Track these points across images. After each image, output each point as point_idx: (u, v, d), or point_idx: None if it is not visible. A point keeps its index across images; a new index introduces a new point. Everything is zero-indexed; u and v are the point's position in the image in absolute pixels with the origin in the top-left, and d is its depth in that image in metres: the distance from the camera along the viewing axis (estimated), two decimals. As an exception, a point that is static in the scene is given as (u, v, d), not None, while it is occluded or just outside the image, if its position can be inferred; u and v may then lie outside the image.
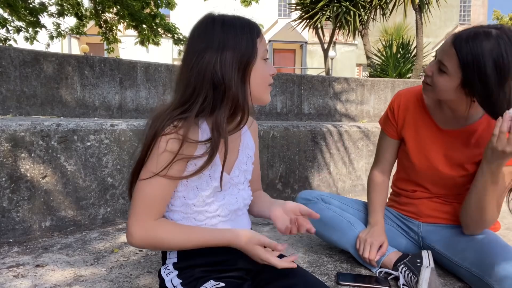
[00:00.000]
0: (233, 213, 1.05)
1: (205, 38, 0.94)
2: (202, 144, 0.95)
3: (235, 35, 0.94)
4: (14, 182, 1.69)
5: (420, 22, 7.45)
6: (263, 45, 0.99)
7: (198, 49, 0.93)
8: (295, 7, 9.14)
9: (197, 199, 1.00)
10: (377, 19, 8.58)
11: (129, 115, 3.42)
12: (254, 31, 0.97)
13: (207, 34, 0.94)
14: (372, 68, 7.98)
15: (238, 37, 0.94)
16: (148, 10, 7.76)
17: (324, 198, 1.53)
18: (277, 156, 2.54)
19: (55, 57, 3.07)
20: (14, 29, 7.20)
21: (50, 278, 1.31)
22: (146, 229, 0.93)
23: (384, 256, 1.37)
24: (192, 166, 0.97)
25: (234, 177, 1.06)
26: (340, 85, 4.46)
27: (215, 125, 0.93)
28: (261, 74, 0.99)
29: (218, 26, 0.95)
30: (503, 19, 21.67)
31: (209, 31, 0.94)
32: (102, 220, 1.93)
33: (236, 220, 1.07)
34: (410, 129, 1.44)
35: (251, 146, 1.13)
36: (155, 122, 0.94)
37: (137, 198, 0.94)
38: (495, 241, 1.28)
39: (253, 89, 0.98)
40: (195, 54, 0.93)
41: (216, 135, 0.93)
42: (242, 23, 0.96)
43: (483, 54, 1.11)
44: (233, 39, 0.93)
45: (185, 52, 0.98)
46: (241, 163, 1.08)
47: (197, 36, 0.96)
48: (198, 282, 0.96)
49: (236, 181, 1.07)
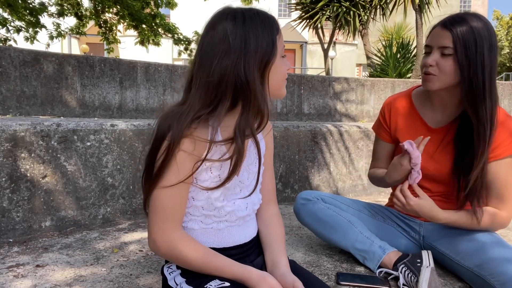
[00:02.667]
0: (241, 219, 1.04)
1: (226, 38, 0.89)
2: (218, 146, 0.93)
3: (257, 35, 0.90)
4: (14, 182, 1.69)
5: (420, 22, 7.45)
6: (282, 42, 0.97)
7: (219, 50, 0.89)
8: (295, 7, 9.14)
9: (205, 201, 0.98)
10: (377, 19, 8.59)
11: (129, 115, 3.42)
12: (274, 28, 0.94)
13: (228, 33, 0.90)
14: (372, 68, 7.98)
15: (260, 36, 0.90)
16: (148, 10, 7.75)
17: (324, 198, 1.53)
18: (277, 156, 2.54)
19: (55, 57, 3.07)
20: (14, 29, 7.20)
21: (50, 278, 1.31)
22: (171, 241, 0.92)
23: (383, 257, 1.37)
24: (207, 173, 0.95)
25: (244, 179, 1.03)
26: (340, 85, 4.46)
27: (240, 129, 0.91)
28: (281, 72, 0.97)
29: (239, 23, 0.90)
30: (503, 19, 21.66)
31: (231, 30, 0.90)
32: (102, 220, 1.93)
33: (243, 226, 1.05)
34: (403, 131, 1.48)
35: (260, 145, 1.07)
36: (166, 122, 0.91)
37: (158, 205, 0.92)
38: (498, 241, 1.28)
39: (271, 86, 0.95)
40: (216, 57, 0.89)
41: (241, 140, 0.91)
42: (263, 20, 0.93)
43: (477, 31, 1.22)
44: (255, 39, 0.90)
45: (202, 51, 0.93)
46: (250, 164, 1.05)
47: (217, 34, 0.91)
48: (203, 281, 0.95)
49: (247, 184, 1.04)
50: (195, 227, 1.01)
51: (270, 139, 1.14)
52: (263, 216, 1.12)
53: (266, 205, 1.13)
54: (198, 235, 1.01)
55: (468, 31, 1.22)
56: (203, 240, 1.00)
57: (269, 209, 1.13)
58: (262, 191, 1.11)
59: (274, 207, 1.15)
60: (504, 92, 5.23)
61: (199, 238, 1.00)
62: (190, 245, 0.94)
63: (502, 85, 5.26)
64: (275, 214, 1.13)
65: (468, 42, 1.21)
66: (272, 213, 1.13)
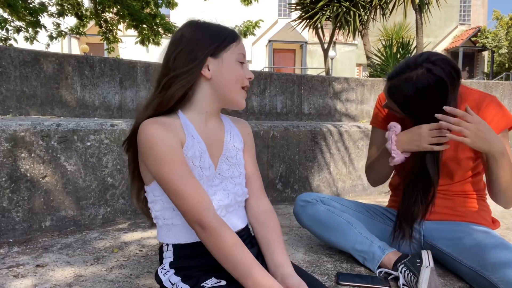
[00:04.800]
0: (223, 209, 1.04)
1: (178, 38, 1.04)
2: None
3: (206, 33, 1.03)
4: (14, 182, 1.69)
5: (420, 22, 7.45)
6: (239, 49, 1.05)
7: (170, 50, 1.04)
8: (295, 7, 9.13)
9: None
10: (377, 19, 8.58)
11: (129, 115, 3.42)
12: (228, 34, 1.05)
13: (180, 35, 1.04)
14: (372, 68, 7.98)
15: (206, 35, 1.02)
16: (148, 10, 7.75)
17: (323, 200, 1.53)
18: (277, 156, 2.54)
19: (55, 57, 3.06)
20: (14, 29, 7.20)
21: (50, 278, 1.31)
22: (218, 221, 0.94)
23: (383, 257, 1.37)
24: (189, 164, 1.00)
25: (224, 171, 1.06)
26: (340, 85, 4.46)
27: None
28: (234, 74, 1.04)
29: (192, 27, 1.04)
30: (503, 19, 21.64)
31: (183, 33, 1.04)
32: (102, 220, 1.93)
33: (226, 217, 1.04)
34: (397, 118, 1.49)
35: (238, 140, 1.13)
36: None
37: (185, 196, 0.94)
38: (499, 240, 1.28)
39: (223, 86, 1.03)
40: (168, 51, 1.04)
41: None
42: (219, 27, 1.05)
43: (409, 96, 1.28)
44: (199, 35, 1.02)
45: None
46: (230, 156, 1.09)
47: (172, 39, 1.06)
48: (199, 279, 0.96)
49: (228, 175, 1.07)
50: (178, 222, 1.02)
51: (249, 136, 1.18)
52: (255, 213, 1.12)
53: (256, 201, 1.13)
54: (182, 230, 1.02)
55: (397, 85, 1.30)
56: (189, 235, 1.01)
57: (260, 205, 1.13)
58: (248, 186, 1.13)
59: (266, 202, 1.15)
60: (504, 92, 5.22)
61: (182, 234, 1.02)
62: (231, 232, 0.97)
63: (502, 85, 5.26)
64: (269, 210, 1.13)
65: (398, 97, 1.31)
66: (265, 210, 1.12)
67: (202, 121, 1.05)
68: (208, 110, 1.06)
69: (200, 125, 1.04)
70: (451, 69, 1.24)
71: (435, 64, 1.24)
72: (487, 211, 1.47)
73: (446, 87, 1.23)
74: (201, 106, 1.04)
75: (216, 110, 1.09)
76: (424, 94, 1.25)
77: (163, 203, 1.02)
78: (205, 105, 1.05)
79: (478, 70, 22.20)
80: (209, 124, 1.07)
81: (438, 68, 1.23)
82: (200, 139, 1.03)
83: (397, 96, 1.31)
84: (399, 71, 1.30)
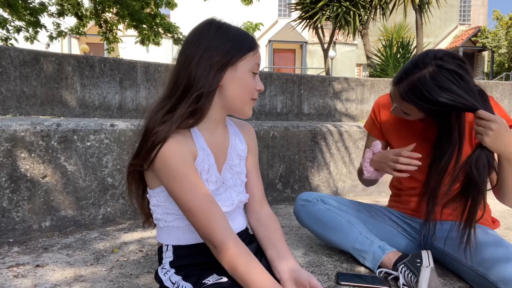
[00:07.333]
0: (227, 213, 1.04)
1: (196, 39, 0.98)
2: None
3: (224, 39, 0.97)
4: (14, 182, 1.69)
5: (420, 22, 7.45)
6: (255, 59, 1.01)
7: (187, 51, 0.98)
8: (295, 7, 9.13)
9: None
10: (377, 19, 8.58)
11: (129, 115, 3.42)
12: (248, 40, 1.00)
13: (199, 36, 0.98)
14: (372, 68, 7.97)
15: (227, 40, 0.97)
16: (148, 10, 7.76)
17: (324, 199, 1.53)
18: (277, 156, 2.54)
19: (55, 57, 3.06)
20: (14, 29, 7.20)
21: (50, 278, 1.31)
22: (230, 239, 0.92)
23: (382, 257, 1.37)
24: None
25: (228, 179, 1.06)
26: (340, 85, 4.46)
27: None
28: (245, 84, 1.00)
29: (213, 29, 0.98)
30: (503, 19, 21.64)
31: (203, 34, 0.98)
32: (102, 220, 1.93)
33: (229, 219, 1.05)
34: (393, 128, 1.52)
35: (242, 148, 1.12)
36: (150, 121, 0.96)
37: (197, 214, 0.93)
38: (500, 240, 1.28)
39: (232, 96, 0.99)
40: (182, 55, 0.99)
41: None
42: (239, 31, 1.00)
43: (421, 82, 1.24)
44: (219, 40, 0.97)
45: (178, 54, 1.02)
46: (233, 165, 1.08)
47: (190, 38, 1.00)
48: (200, 277, 0.96)
49: (231, 184, 1.07)
50: (180, 224, 1.02)
51: (253, 142, 1.17)
52: (259, 217, 1.14)
53: (260, 207, 1.16)
54: (185, 232, 1.03)
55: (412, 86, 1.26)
56: (189, 237, 1.02)
57: (263, 211, 1.16)
58: (251, 192, 1.15)
59: (267, 208, 1.18)
60: (504, 92, 5.22)
61: (185, 235, 1.02)
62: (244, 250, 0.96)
63: (502, 85, 5.26)
64: (270, 214, 1.17)
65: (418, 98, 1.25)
66: (267, 214, 1.16)
67: (210, 129, 1.03)
68: (216, 118, 1.04)
69: (208, 135, 1.03)
70: (458, 61, 1.24)
71: (443, 60, 1.23)
72: (487, 211, 1.47)
73: (461, 77, 1.22)
74: (210, 114, 1.01)
75: (223, 117, 1.08)
76: (443, 88, 1.22)
77: (166, 208, 1.02)
78: (213, 113, 1.02)
79: (478, 70, 22.20)
80: (216, 132, 1.06)
81: (447, 62, 1.22)
82: (209, 151, 1.01)
83: (415, 97, 1.26)
84: (408, 72, 1.28)
